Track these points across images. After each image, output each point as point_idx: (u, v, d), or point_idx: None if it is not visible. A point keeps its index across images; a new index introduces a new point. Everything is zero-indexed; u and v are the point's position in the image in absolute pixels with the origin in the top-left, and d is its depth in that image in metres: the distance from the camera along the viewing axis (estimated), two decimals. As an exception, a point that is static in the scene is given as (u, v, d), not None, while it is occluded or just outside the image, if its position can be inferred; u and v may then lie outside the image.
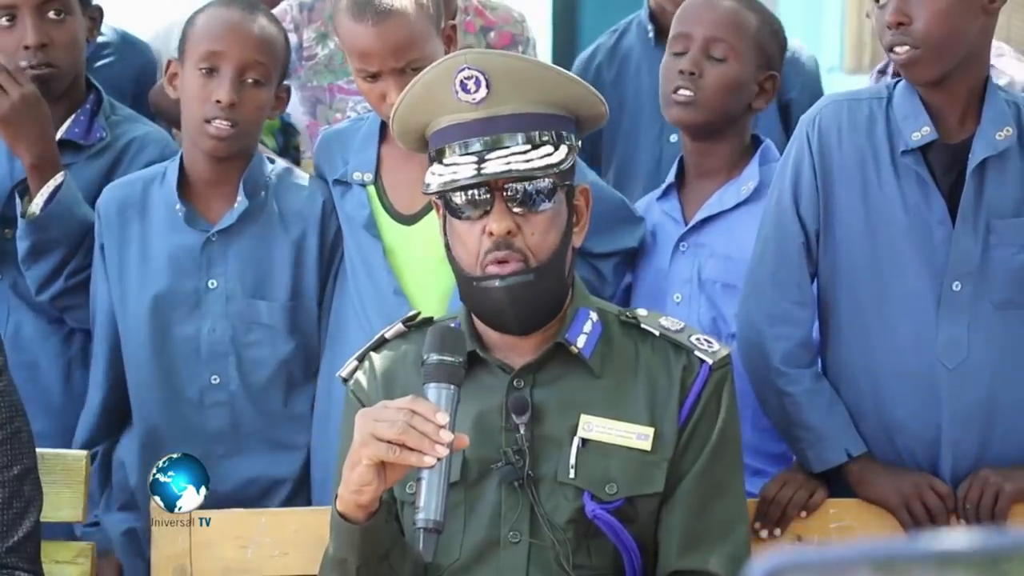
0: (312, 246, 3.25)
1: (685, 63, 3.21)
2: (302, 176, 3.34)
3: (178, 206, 3.23)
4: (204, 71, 3.17)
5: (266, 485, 3.26)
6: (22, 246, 3.30)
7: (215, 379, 3.24)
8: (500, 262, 2.57)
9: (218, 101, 3.14)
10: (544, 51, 6.71)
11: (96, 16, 3.49)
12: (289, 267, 3.24)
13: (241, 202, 3.22)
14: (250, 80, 3.17)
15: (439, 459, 2.40)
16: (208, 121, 3.16)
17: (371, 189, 3.24)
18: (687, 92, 3.21)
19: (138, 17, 3.47)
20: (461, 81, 2.57)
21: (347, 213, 3.24)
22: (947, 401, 2.92)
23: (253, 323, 3.24)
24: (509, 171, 2.55)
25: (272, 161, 3.36)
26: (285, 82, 3.30)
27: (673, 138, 3.64)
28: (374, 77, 3.11)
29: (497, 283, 2.57)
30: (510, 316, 2.60)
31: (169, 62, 3.26)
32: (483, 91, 2.56)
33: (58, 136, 3.41)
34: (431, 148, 2.64)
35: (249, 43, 3.18)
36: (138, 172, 3.35)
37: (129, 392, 3.28)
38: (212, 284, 3.23)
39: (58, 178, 3.29)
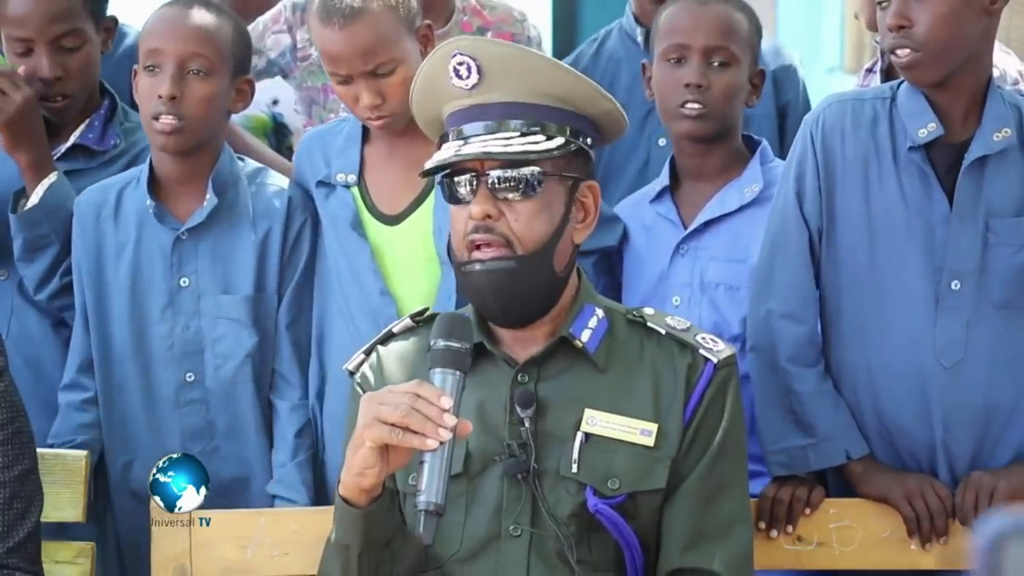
0: (276, 240, 3.27)
1: (692, 76, 3.21)
2: (273, 175, 3.35)
3: (148, 201, 3.24)
4: (149, 70, 3.20)
5: (242, 481, 3.27)
6: (16, 244, 3.31)
7: (190, 376, 3.25)
8: (482, 246, 2.58)
9: (160, 96, 3.17)
10: (545, 51, 6.71)
11: (111, 26, 3.49)
12: (254, 261, 3.25)
13: (210, 200, 3.24)
14: (192, 72, 3.19)
15: (442, 443, 2.41)
16: (156, 118, 3.18)
17: (355, 190, 3.24)
18: (696, 105, 3.21)
19: (139, 12, 3.45)
20: (454, 67, 2.59)
21: (332, 214, 3.24)
22: (943, 400, 2.92)
23: (221, 318, 3.25)
24: (485, 153, 2.56)
25: (242, 159, 3.36)
26: (246, 75, 3.29)
27: (662, 141, 3.63)
28: (346, 80, 3.12)
29: (478, 267, 2.58)
30: (492, 303, 2.60)
31: (134, 70, 3.27)
32: (474, 77, 2.58)
33: (71, 141, 3.44)
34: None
35: (186, 36, 3.19)
36: (115, 177, 3.36)
37: (103, 396, 3.27)
38: (184, 282, 3.25)
39: (52, 176, 3.31)
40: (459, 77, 2.59)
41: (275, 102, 4.13)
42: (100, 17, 3.44)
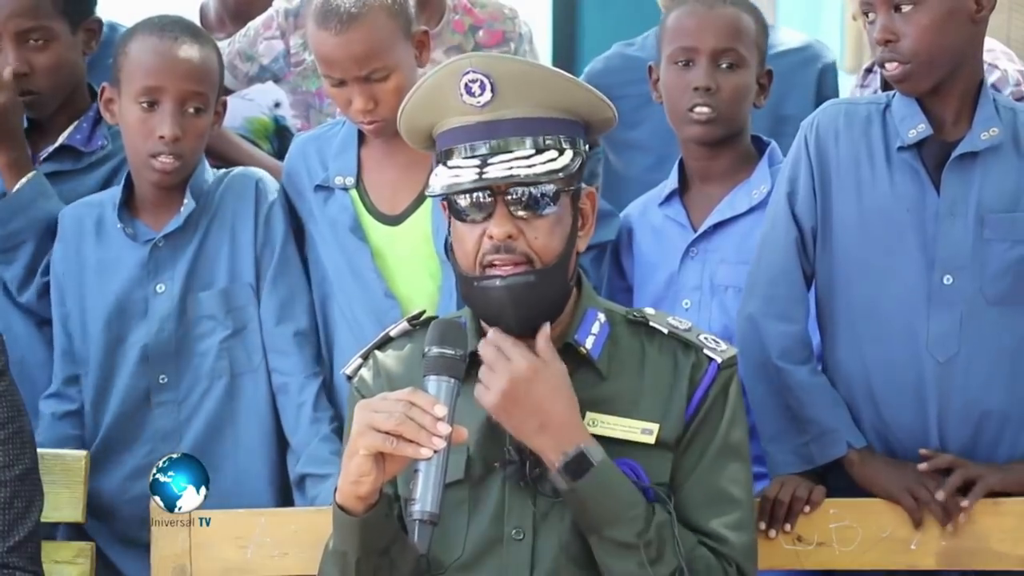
0: (245, 226, 3.25)
1: (701, 79, 3.20)
2: (238, 168, 3.34)
3: (119, 225, 3.23)
4: (144, 105, 3.16)
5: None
6: None
7: (163, 378, 3.24)
8: (502, 264, 2.56)
9: (161, 137, 3.14)
10: (544, 52, 6.71)
11: (94, 27, 3.46)
12: (226, 252, 3.25)
13: (187, 205, 3.23)
14: (191, 110, 3.17)
15: (436, 451, 2.41)
16: (153, 156, 3.16)
17: (354, 192, 3.23)
18: (706, 109, 3.20)
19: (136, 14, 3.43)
20: (466, 84, 2.56)
21: (331, 218, 3.24)
22: (937, 396, 2.94)
23: (200, 317, 3.23)
24: (511, 176, 2.54)
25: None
26: (223, 97, 3.30)
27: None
28: (340, 83, 3.12)
29: (498, 282, 2.56)
30: (510, 315, 2.59)
31: (103, 88, 3.25)
32: (488, 95, 2.56)
33: (59, 142, 3.43)
34: (438, 148, 2.64)
35: (186, 74, 3.16)
36: (100, 193, 3.35)
37: (87, 404, 3.26)
38: (160, 288, 3.24)
39: (29, 176, 3.31)
40: (471, 94, 2.56)
41: (277, 105, 4.12)
42: (77, 17, 3.41)
